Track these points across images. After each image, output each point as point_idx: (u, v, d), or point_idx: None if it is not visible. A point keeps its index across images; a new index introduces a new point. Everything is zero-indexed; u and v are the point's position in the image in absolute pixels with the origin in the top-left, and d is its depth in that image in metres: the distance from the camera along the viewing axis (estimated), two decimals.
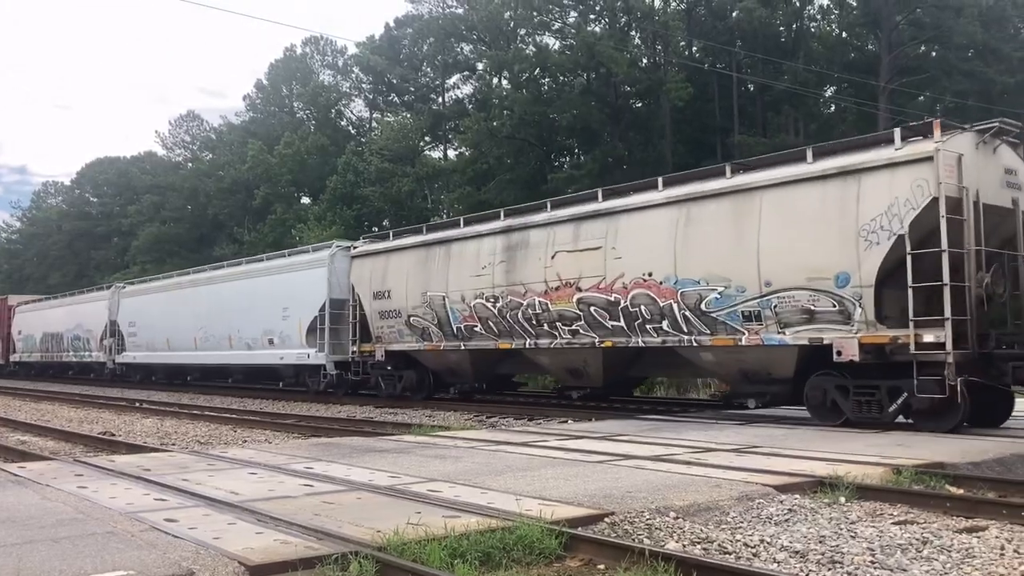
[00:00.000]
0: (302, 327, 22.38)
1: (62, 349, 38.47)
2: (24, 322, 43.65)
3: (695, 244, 13.37)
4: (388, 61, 53.15)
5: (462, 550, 4.97)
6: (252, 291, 25.03)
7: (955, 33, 35.90)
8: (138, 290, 33.40)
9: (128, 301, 33.12)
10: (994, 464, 8.38)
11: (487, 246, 17.19)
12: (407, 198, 46.25)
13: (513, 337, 16.71)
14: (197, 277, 29.33)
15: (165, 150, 71.88)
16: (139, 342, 31.56)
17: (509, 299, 16.48)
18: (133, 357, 32.10)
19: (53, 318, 39.49)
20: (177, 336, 28.74)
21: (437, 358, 18.99)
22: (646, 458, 8.66)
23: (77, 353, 36.88)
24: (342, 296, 21.49)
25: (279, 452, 9.84)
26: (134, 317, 32.08)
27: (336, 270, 21.73)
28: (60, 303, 40.02)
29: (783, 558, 5.22)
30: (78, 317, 36.74)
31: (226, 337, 25.95)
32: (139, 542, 5.07)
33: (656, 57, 43.14)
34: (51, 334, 39.53)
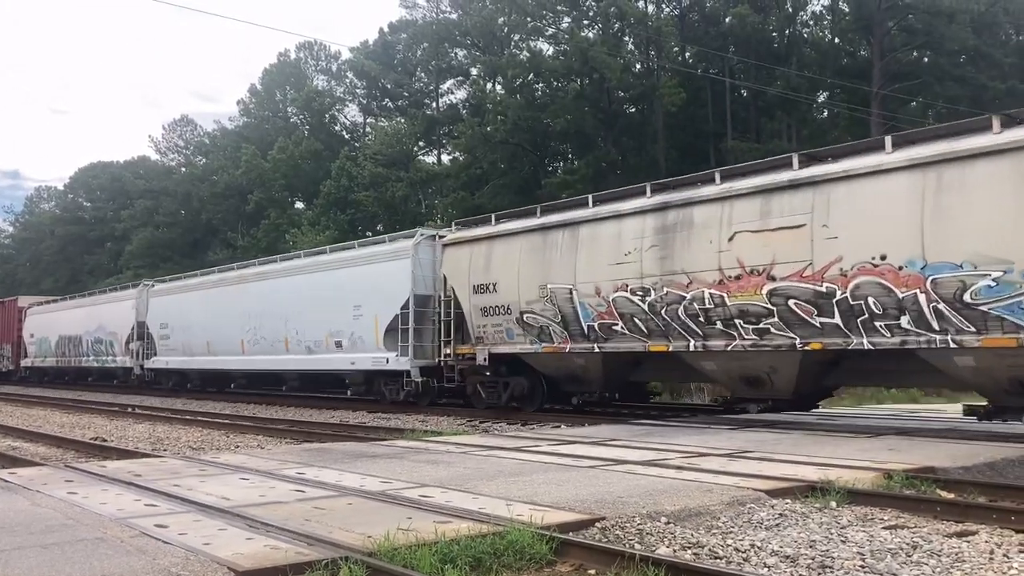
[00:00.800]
0: (379, 327, 19.68)
1: (81, 353, 35.62)
2: (37, 325, 40.65)
3: (954, 218, 10.61)
4: (382, 66, 53.22)
5: (453, 555, 4.96)
6: (315, 287, 22.16)
7: (947, 39, 36.12)
8: (171, 288, 30.33)
9: (159, 301, 30.23)
10: (984, 468, 8.40)
11: (631, 228, 14.21)
12: (401, 203, 46.31)
13: (670, 337, 13.71)
14: (245, 272, 26.37)
15: (159, 155, 71.91)
16: (173, 345, 28.72)
17: (665, 291, 13.56)
18: (165, 362, 29.25)
19: (70, 320, 36.61)
20: (220, 338, 25.95)
21: (557, 362, 16.10)
22: (638, 463, 8.67)
23: (98, 358, 34.12)
24: (426, 291, 19.06)
25: (271, 457, 9.81)
26: (167, 318, 29.19)
27: (421, 261, 19.24)
28: (78, 304, 37.15)
29: (773, 563, 5.22)
30: (99, 319, 33.89)
31: (280, 339, 23.20)
32: (128, 548, 5.05)
33: (649, 62, 43.28)
34: (68, 337, 36.70)
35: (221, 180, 57.79)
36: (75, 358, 36.20)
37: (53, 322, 38.65)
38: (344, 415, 19.50)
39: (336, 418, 18.83)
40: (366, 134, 57.09)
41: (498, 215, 17.86)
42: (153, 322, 30.04)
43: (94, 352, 34.42)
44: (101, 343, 33.69)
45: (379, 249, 21.04)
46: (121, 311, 32.13)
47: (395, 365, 19.18)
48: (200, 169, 64.07)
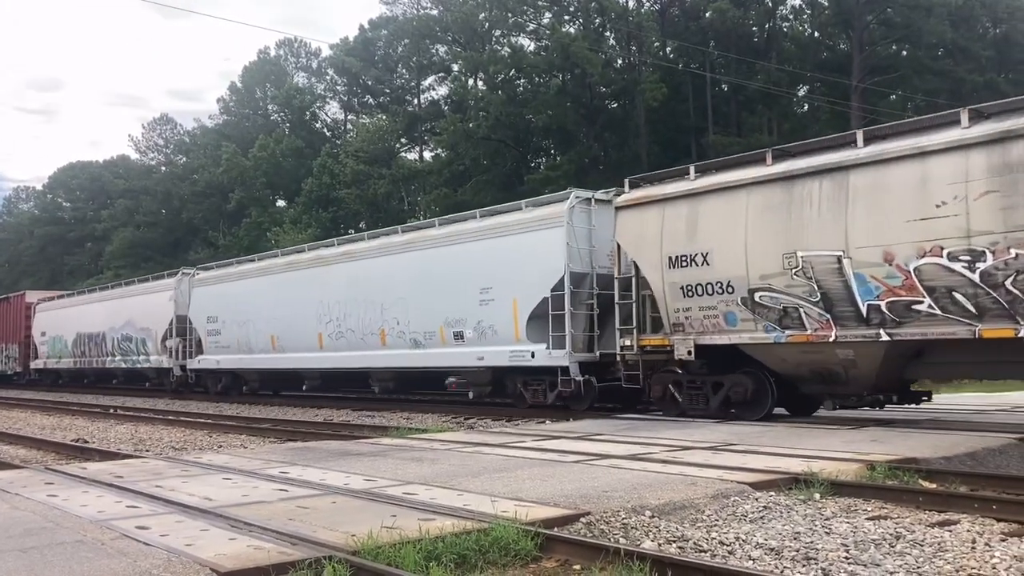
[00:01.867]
0: (519, 314, 16.06)
1: (104, 353, 31.51)
2: (49, 322, 36.14)
3: None
4: (363, 63, 53.05)
5: (437, 553, 4.94)
6: (425, 268, 18.17)
7: (925, 32, 36.36)
8: (222, 276, 25.77)
9: (205, 291, 25.79)
10: (966, 458, 8.46)
11: (943, 170, 10.49)
12: (383, 200, 46.20)
13: (1019, 317, 9.85)
14: (326, 253, 21.74)
15: (139, 154, 71.43)
16: (225, 342, 24.42)
17: (1013, 254, 9.82)
18: (215, 362, 24.92)
19: (91, 316, 32.39)
20: (291, 332, 21.85)
21: (805, 355, 12.09)
22: (622, 457, 8.67)
23: (127, 358, 29.94)
24: (582, 268, 15.33)
25: (254, 457, 9.76)
26: (216, 310, 24.80)
27: (576, 231, 15.38)
28: (101, 297, 32.96)
29: (758, 555, 5.23)
30: (128, 313, 29.66)
31: (374, 331, 19.27)
32: (109, 550, 5.00)
33: (630, 58, 43.33)
34: (88, 335, 32.54)
35: (202, 179, 57.47)
36: (97, 358, 32.14)
37: (69, 319, 34.17)
38: (328, 413, 19.43)
39: (320, 416, 18.75)
40: (347, 131, 56.92)
41: (699, 166, 13.75)
42: (198, 316, 25.74)
43: (121, 351, 30.26)
44: (130, 341, 29.49)
45: (517, 218, 16.75)
46: (156, 304, 27.83)
47: (544, 360, 15.49)
48: (181, 168, 63.71)
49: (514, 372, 16.40)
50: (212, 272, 26.55)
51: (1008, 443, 9.19)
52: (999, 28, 40.06)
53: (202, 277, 26.58)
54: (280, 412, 20.45)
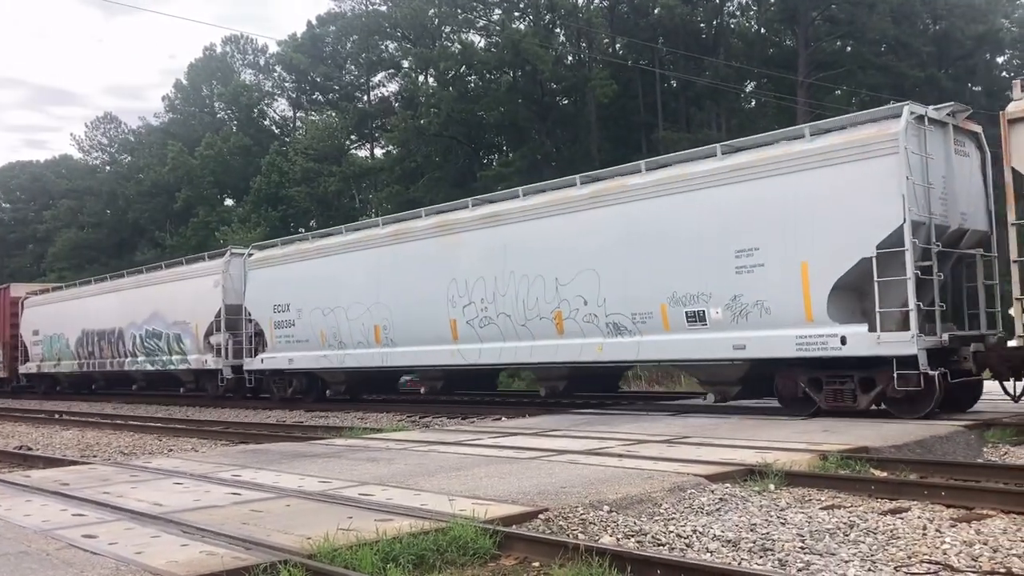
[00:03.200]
0: (810, 284, 11.55)
1: (120, 353, 26.77)
2: (43, 319, 31.29)
3: None
4: (311, 59, 52.46)
5: (395, 554, 4.88)
6: (626, 227, 13.69)
7: (868, 29, 37.03)
8: (293, 254, 20.57)
9: (268, 274, 21.05)
10: (915, 446, 8.62)
11: None
12: (334, 198, 45.79)
13: None
14: (457, 217, 16.76)
15: (82, 153, 69.76)
16: (301, 334, 19.83)
17: None
18: (288, 360, 20.22)
19: (101, 310, 27.81)
20: (405, 321, 17.25)
21: None
22: (580, 452, 8.68)
23: (152, 358, 25.13)
24: (919, 215, 10.93)
25: (205, 460, 9.59)
26: (286, 296, 20.25)
27: (912, 162, 10.87)
28: (115, 287, 27.74)
29: (716, 547, 5.26)
30: (153, 305, 25.03)
31: (543, 315, 14.70)
32: (55, 561, 4.85)
33: (580, 54, 43.45)
34: (98, 333, 27.93)
35: (148, 178, 56.35)
36: (111, 360, 27.29)
37: (70, 314, 29.49)
38: (281, 415, 19.18)
39: (272, 418, 18.51)
40: (296, 128, 56.26)
41: None
42: (259, 304, 21.16)
43: (145, 351, 25.40)
44: (158, 338, 24.71)
45: (801, 148, 11.88)
46: (196, 293, 23.16)
47: (866, 347, 10.96)
48: (125, 167, 62.41)
49: (796, 366, 11.89)
50: (277, 251, 21.40)
51: (955, 431, 9.39)
52: (939, 25, 40.94)
53: (262, 257, 21.65)
54: (232, 415, 20.14)
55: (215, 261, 23.32)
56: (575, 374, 15.63)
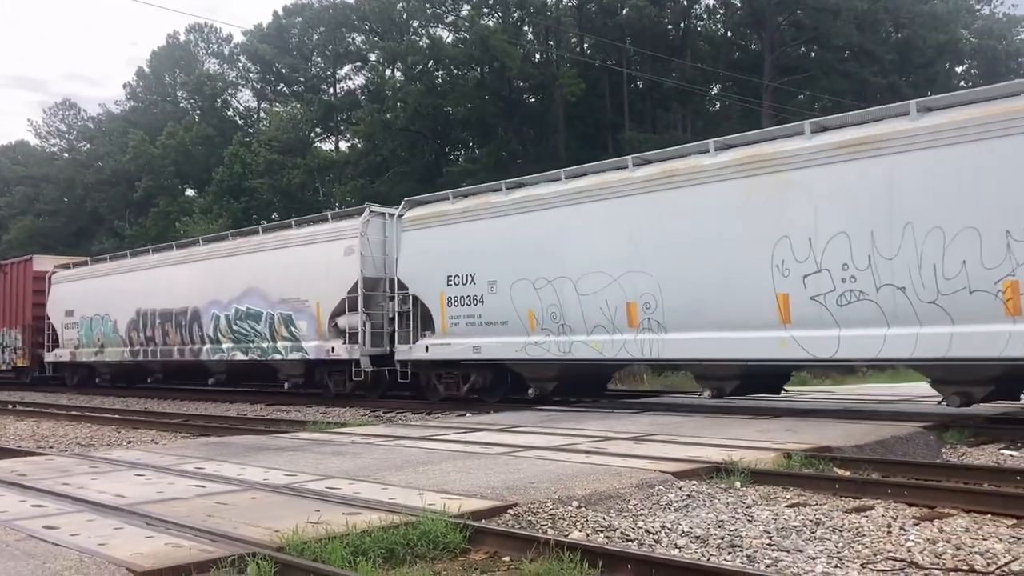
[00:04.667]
0: None
1: (194, 339, 21.43)
2: (78, 297, 25.90)
3: None
4: (276, 50, 51.95)
5: (364, 547, 4.84)
6: None
7: (833, 35, 37.57)
8: (481, 208, 15.60)
9: (439, 236, 16.06)
10: (876, 446, 8.75)
11: None
12: (298, 190, 45.41)
13: None
14: (826, 141, 11.35)
15: (39, 140, 68.35)
16: (493, 313, 15.06)
17: None
18: (473, 348, 15.29)
19: (165, 285, 22.37)
20: (690, 294, 12.43)
21: None
22: (547, 448, 8.69)
23: (245, 344, 19.83)
24: None
25: (167, 452, 9.45)
26: (473, 264, 15.35)
27: None
28: (187, 256, 22.21)
29: (684, 543, 5.29)
30: (249, 277, 19.79)
31: (987, 283, 9.90)
32: (14, 552, 4.74)
33: (549, 53, 43.53)
34: (160, 313, 22.42)
35: (107, 166, 55.42)
36: (180, 347, 21.90)
37: (119, 291, 24.18)
38: (242, 408, 18.97)
39: (233, 411, 18.30)
40: (260, 120, 55.68)
41: None
42: (419, 275, 16.30)
43: (233, 336, 20.19)
44: (255, 320, 19.53)
45: None
46: (317, 261, 18.17)
47: None
48: (84, 155, 61.31)
49: None
50: (448, 205, 16.18)
51: (914, 431, 9.55)
52: (901, 33, 41.63)
53: (424, 215, 16.45)
54: (193, 407, 19.87)
55: (347, 222, 18.11)
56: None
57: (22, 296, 28.16)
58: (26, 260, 28.78)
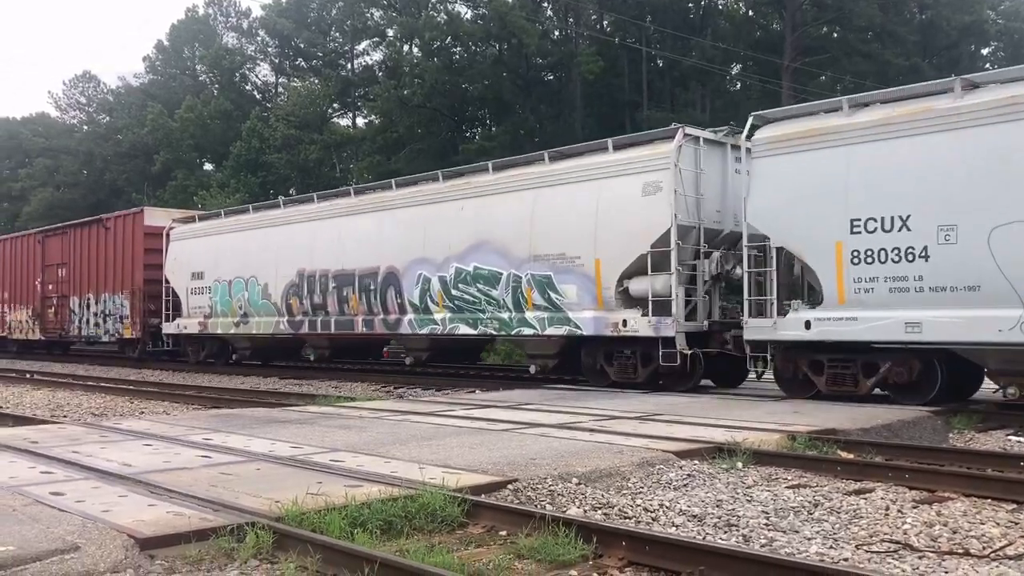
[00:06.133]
0: None
1: (384, 308, 17.13)
2: (209, 256, 21.54)
3: None
4: (295, 25, 51.84)
5: (363, 519, 4.90)
6: None
7: (855, 15, 37.06)
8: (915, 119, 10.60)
9: (823, 164, 11.34)
10: (882, 429, 8.74)
11: None
12: (315, 166, 45.45)
13: None
14: None
15: (59, 112, 68.66)
16: (950, 272, 10.26)
17: None
18: (908, 322, 10.47)
19: (341, 239, 18.16)
20: None
21: None
22: (551, 426, 8.73)
23: (470, 315, 15.60)
24: None
25: (176, 423, 9.56)
26: (907, 204, 10.58)
27: None
28: (376, 202, 17.85)
29: (681, 522, 5.32)
30: (479, 227, 15.51)
31: None
32: (21, 516, 4.83)
33: (567, 30, 43.21)
34: (335, 276, 18.14)
35: (126, 139, 55.64)
36: (365, 317, 17.62)
37: (268, 248, 19.83)
38: (255, 381, 19.13)
39: (246, 384, 18.46)
40: (278, 94, 55.68)
41: None
42: (791, 219, 11.68)
43: (453, 304, 15.89)
44: (492, 283, 15.20)
45: None
46: (598, 205, 13.69)
47: None
48: (104, 127, 61.55)
49: None
50: (838, 118, 11.45)
51: (922, 416, 9.53)
52: (925, 14, 41.03)
53: (797, 132, 11.76)
54: (206, 379, 20.06)
55: (644, 149, 13.47)
56: None
57: (130, 255, 24.17)
58: (135, 213, 24.86)
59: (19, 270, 29.77)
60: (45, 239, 28.55)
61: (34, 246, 28.95)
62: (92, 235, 26.03)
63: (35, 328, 28.70)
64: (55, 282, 27.60)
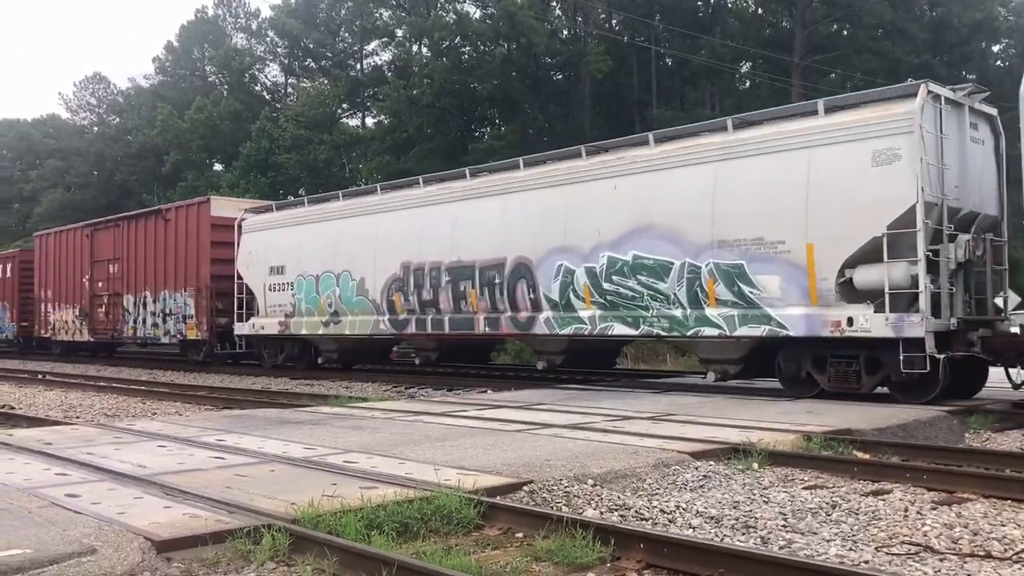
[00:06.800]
0: None
1: (517, 304, 14.80)
2: (290, 248, 19.20)
3: None
4: (304, 25, 51.90)
5: (379, 521, 4.89)
6: None
7: (865, 12, 36.92)
8: None
9: None
10: (897, 430, 8.68)
11: None
12: (324, 166, 45.50)
13: None
14: None
15: (69, 113, 68.94)
16: None
17: None
18: None
19: (450, 227, 15.97)
20: None
21: None
22: (564, 426, 8.70)
23: (632, 313, 13.10)
24: None
25: (189, 424, 9.56)
26: None
27: None
28: (493, 186, 15.66)
29: (698, 523, 5.29)
30: (634, 210, 13.16)
31: None
32: (37, 519, 4.83)
33: (576, 29, 43.15)
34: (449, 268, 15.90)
35: (136, 140, 55.81)
36: (487, 315, 15.32)
37: (364, 238, 17.60)
38: (266, 381, 19.14)
39: (258, 384, 18.47)
40: (288, 95, 55.79)
41: None
42: None
43: (605, 300, 13.48)
44: (656, 274, 12.85)
45: None
46: (809, 178, 11.39)
47: None
48: (114, 129, 61.79)
49: None
50: None
51: (938, 415, 9.46)
52: (935, 11, 40.82)
53: None
54: (217, 379, 20.09)
55: (874, 110, 11.17)
56: None
57: (194, 249, 22.11)
58: (200, 202, 22.76)
59: (65, 267, 27.95)
60: (94, 233, 26.56)
61: (81, 240, 27.03)
62: (149, 228, 23.89)
63: (83, 328, 26.82)
64: (106, 279, 25.66)
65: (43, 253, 29.59)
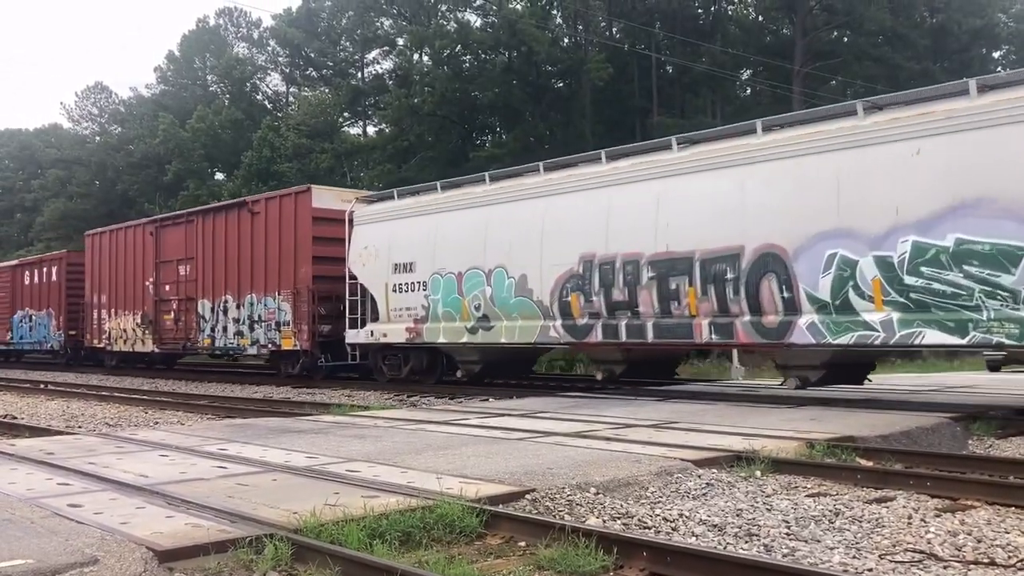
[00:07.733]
0: None
1: (752, 306, 11.74)
2: (417, 242, 16.36)
3: None
4: (305, 34, 52.11)
5: (381, 530, 4.88)
6: None
7: (866, 19, 37.02)
8: None
9: None
10: (901, 436, 8.66)
11: None
12: (326, 175, 45.56)
13: None
14: None
15: (71, 123, 69.14)
16: None
17: None
18: None
19: (650, 211, 12.78)
20: None
21: None
22: (567, 435, 8.69)
23: (950, 314, 9.93)
24: None
25: (191, 433, 9.56)
26: None
27: None
28: (708, 158, 12.36)
29: (701, 531, 5.27)
30: (952, 182, 9.87)
31: None
32: (39, 529, 4.82)
33: (577, 37, 43.27)
34: (651, 262, 12.76)
35: (138, 150, 55.93)
36: (713, 319, 12.23)
37: (521, 227, 14.62)
38: (268, 390, 19.12)
39: (260, 393, 18.45)
40: (289, 104, 55.93)
41: None
42: None
43: (905, 297, 10.33)
44: (993, 263, 9.59)
45: None
46: None
47: None
48: (115, 138, 61.92)
49: None
50: None
51: (941, 422, 9.44)
52: (936, 18, 40.92)
53: None
54: (218, 389, 20.07)
55: None
56: None
57: (290, 246, 19.22)
58: (299, 192, 19.60)
59: (123, 268, 24.92)
60: (159, 230, 23.51)
61: (144, 239, 23.99)
62: (231, 222, 20.88)
63: (146, 338, 23.72)
64: (174, 282, 22.68)
65: (96, 254, 26.53)
